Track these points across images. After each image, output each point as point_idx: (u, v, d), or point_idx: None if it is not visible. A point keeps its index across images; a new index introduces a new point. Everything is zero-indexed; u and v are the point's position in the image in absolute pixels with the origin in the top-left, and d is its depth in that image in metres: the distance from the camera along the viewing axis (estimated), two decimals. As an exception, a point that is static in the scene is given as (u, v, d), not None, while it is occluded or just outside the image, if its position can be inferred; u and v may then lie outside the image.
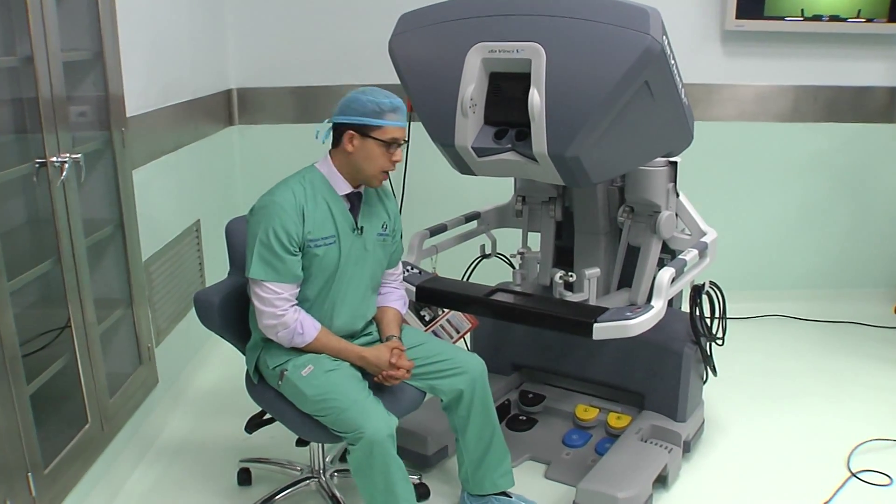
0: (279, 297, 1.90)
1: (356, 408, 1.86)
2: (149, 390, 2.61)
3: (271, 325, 1.92)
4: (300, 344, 1.94)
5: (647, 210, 2.34)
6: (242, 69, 3.57)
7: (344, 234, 1.98)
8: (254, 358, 2.03)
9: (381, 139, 1.92)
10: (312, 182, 1.97)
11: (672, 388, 2.42)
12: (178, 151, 2.92)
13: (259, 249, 1.89)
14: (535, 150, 1.95)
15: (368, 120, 1.92)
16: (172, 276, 2.83)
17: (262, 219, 1.90)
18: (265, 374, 2.03)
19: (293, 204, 1.91)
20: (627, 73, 1.85)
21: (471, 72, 2.02)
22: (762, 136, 3.66)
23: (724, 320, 2.50)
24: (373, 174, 1.96)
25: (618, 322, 1.96)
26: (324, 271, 1.97)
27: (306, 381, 1.92)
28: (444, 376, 2.07)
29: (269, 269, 1.89)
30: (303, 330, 1.93)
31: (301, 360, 1.96)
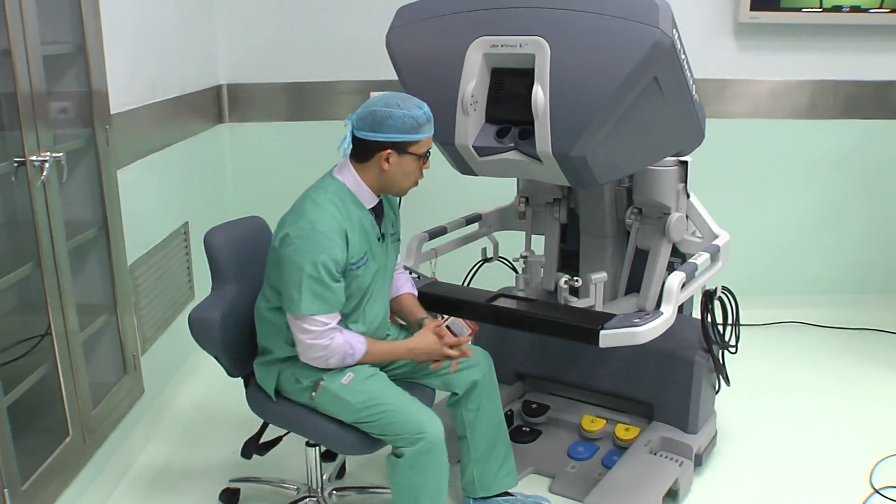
0: (328, 327, 1.89)
1: (411, 410, 1.91)
2: (133, 401, 2.61)
3: (319, 357, 1.91)
4: (352, 363, 1.95)
5: (657, 212, 2.34)
6: (233, 64, 3.57)
7: (373, 246, 2.00)
8: (274, 375, 2.01)
9: (418, 153, 1.93)
10: (342, 199, 1.93)
11: (683, 399, 2.42)
12: (164, 150, 2.92)
13: (308, 284, 1.85)
14: (538, 149, 1.96)
15: (407, 136, 1.90)
16: (159, 282, 2.83)
17: (307, 249, 1.85)
18: (289, 389, 2.01)
19: (336, 230, 1.88)
20: (635, 69, 1.85)
21: (472, 67, 2.02)
22: (777, 133, 3.65)
23: (738, 327, 2.50)
24: (407, 187, 1.98)
25: (625, 329, 1.96)
26: (359, 289, 1.99)
27: (349, 390, 1.93)
28: (459, 370, 2.13)
29: (320, 301, 1.87)
30: (353, 349, 1.94)
31: (337, 370, 1.97)
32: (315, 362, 1.93)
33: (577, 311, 2.18)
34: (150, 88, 2.80)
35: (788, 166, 3.70)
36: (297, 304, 1.87)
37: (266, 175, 3.62)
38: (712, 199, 2.57)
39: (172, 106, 2.99)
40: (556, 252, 2.59)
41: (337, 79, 3.52)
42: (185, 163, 3.14)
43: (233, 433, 2.75)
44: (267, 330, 2.01)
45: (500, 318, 2.19)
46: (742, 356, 2.67)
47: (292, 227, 1.88)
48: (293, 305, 1.88)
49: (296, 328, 1.90)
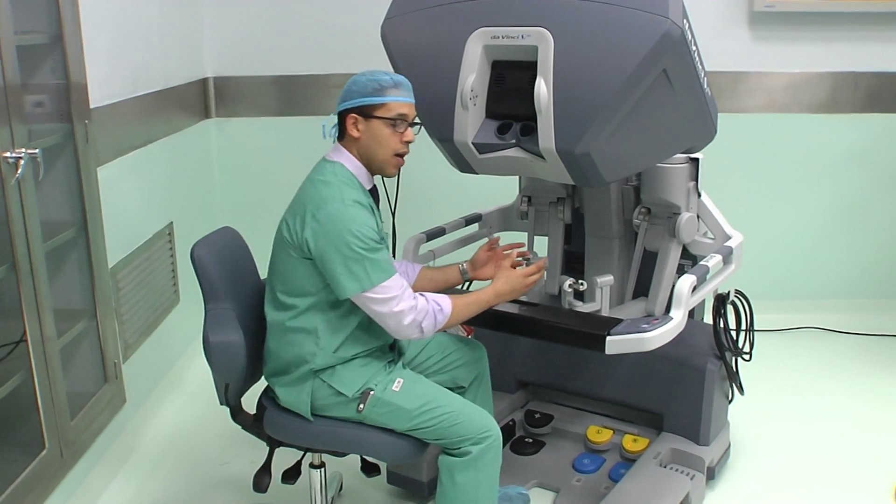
0: (405, 287, 1.89)
1: (469, 409, 1.96)
2: (115, 412, 2.61)
3: (413, 322, 1.89)
4: (444, 321, 1.94)
5: (666, 211, 2.34)
6: (220, 55, 3.57)
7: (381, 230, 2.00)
8: (306, 392, 1.96)
9: (386, 117, 1.92)
10: (346, 179, 1.94)
11: (694, 408, 2.42)
12: (148, 147, 2.92)
13: (364, 255, 1.84)
14: (541, 145, 1.96)
15: (369, 99, 1.92)
16: (142, 285, 2.84)
17: (343, 226, 1.84)
18: (324, 405, 1.97)
19: (362, 201, 1.91)
20: (644, 61, 1.86)
21: (471, 60, 2.02)
22: (795, 128, 3.66)
23: (752, 333, 2.50)
24: (385, 159, 1.96)
25: (633, 335, 1.96)
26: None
27: (402, 396, 1.94)
28: (462, 363, 2.20)
29: (383, 267, 1.87)
30: (440, 304, 1.93)
31: (383, 377, 1.97)
32: (410, 331, 1.90)
33: (582, 317, 2.18)
34: (132, 81, 2.81)
35: (806, 163, 3.70)
36: (366, 279, 1.85)
37: (255, 173, 3.62)
38: (725, 199, 2.57)
39: (156, 100, 2.99)
40: (559, 254, 2.60)
41: (330, 71, 3.52)
42: (169, 160, 3.14)
43: (221, 447, 2.75)
44: (294, 342, 1.95)
45: (501, 324, 2.19)
46: (757, 364, 2.68)
47: (320, 212, 1.87)
48: (361, 283, 1.85)
49: (376, 304, 1.87)
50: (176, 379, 3.15)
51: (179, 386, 3.14)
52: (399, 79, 1.95)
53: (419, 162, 3.53)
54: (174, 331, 3.12)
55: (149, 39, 2.96)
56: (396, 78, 1.94)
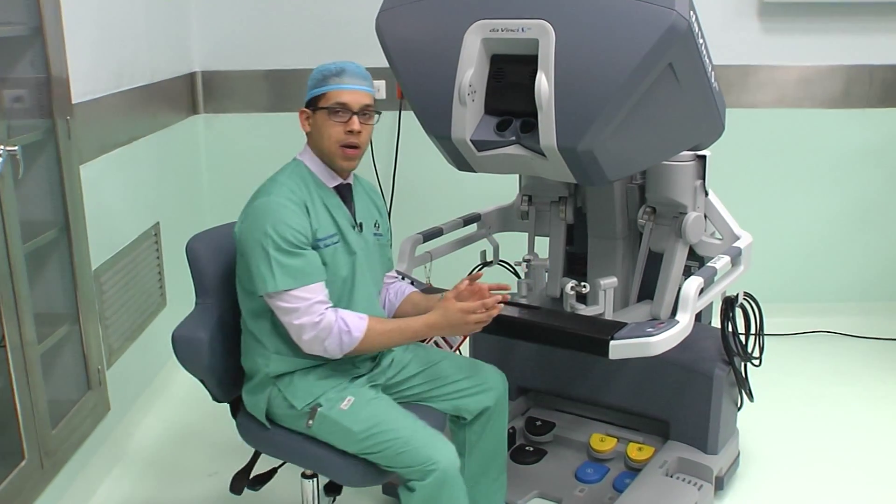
0: (311, 301, 1.85)
1: (419, 437, 1.87)
2: (98, 420, 2.61)
3: (314, 339, 1.86)
4: (352, 344, 1.88)
5: (672, 211, 2.34)
6: (208, 49, 3.57)
7: (347, 231, 1.99)
8: (264, 399, 1.98)
9: (325, 106, 1.93)
10: (301, 176, 1.97)
11: (701, 416, 2.42)
12: (133, 144, 2.92)
13: (274, 255, 1.84)
14: (542, 143, 1.96)
15: (313, 91, 1.95)
16: (127, 288, 2.84)
17: (265, 221, 1.86)
18: (281, 415, 1.98)
19: (293, 199, 1.90)
20: (649, 55, 1.86)
21: (469, 54, 2.02)
22: (806, 124, 3.66)
23: (761, 337, 2.50)
24: (331, 150, 1.95)
25: (638, 339, 1.96)
26: (336, 278, 1.96)
27: (349, 416, 1.90)
28: (471, 394, 2.11)
29: (292, 273, 1.85)
30: (348, 325, 1.87)
31: (335, 392, 1.94)
32: (314, 349, 1.88)
33: (585, 320, 2.18)
34: (116, 76, 2.81)
35: (818, 161, 3.70)
36: (270, 282, 1.84)
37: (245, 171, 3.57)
38: (733, 197, 2.57)
39: (141, 95, 3.00)
40: (561, 255, 2.60)
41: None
42: (155, 158, 3.14)
43: (209, 456, 2.75)
44: (250, 344, 1.98)
45: (501, 328, 2.18)
46: (767, 369, 2.68)
47: (248, 207, 1.92)
48: (266, 284, 1.85)
49: (280, 312, 1.87)
50: (162, 386, 3.15)
51: (166, 393, 3.14)
52: (345, 66, 1.95)
53: (415, 160, 3.57)
54: (160, 335, 3.12)
55: (134, 32, 2.96)
56: (342, 65, 1.95)
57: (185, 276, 2.21)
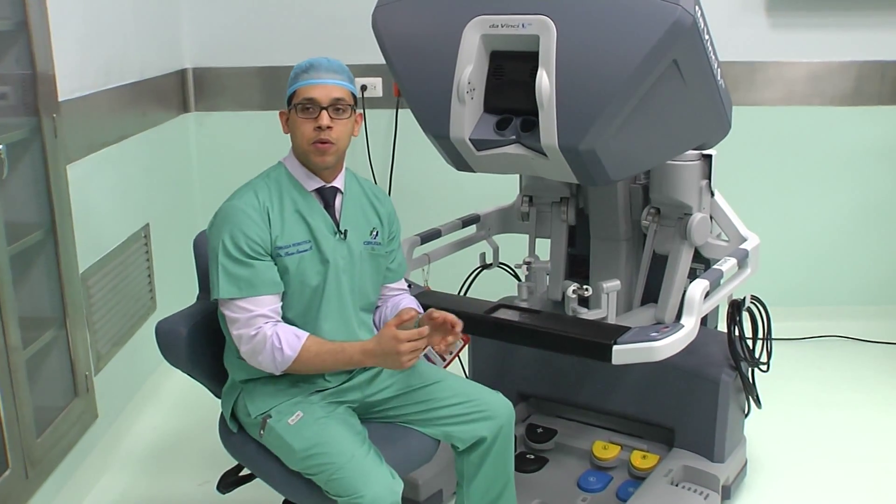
0: (253, 314, 1.86)
1: (353, 466, 1.81)
2: (85, 428, 2.61)
3: (248, 353, 1.88)
4: (284, 363, 1.86)
5: (677, 212, 2.35)
6: (200, 45, 3.58)
7: (323, 238, 1.96)
8: (230, 402, 2.02)
9: (296, 104, 1.93)
10: (278, 180, 1.98)
11: (707, 423, 2.43)
12: (122, 143, 2.92)
13: (223, 262, 1.87)
14: (543, 142, 1.97)
15: (288, 90, 1.96)
16: (116, 291, 2.84)
17: (222, 226, 1.89)
18: (244, 422, 2.00)
19: (255, 206, 1.90)
20: (653, 51, 1.86)
21: (468, 50, 2.03)
22: (816, 122, 3.66)
23: (769, 342, 2.51)
24: (304, 148, 1.94)
25: (642, 344, 1.97)
26: (303, 287, 1.94)
27: (294, 432, 1.89)
28: (465, 421, 2.03)
29: (237, 283, 1.86)
30: (281, 343, 1.85)
31: (287, 406, 1.93)
32: (252, 362, 1.90)
33: (588, 324, 2.19)
34: (105, 72, 2.81)
35: (828, 159, 3.71)
36: (215, 289, 1.88)
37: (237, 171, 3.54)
38: (740, 198, 2.58)
39: (130, 92, 3.00)
40: (563, 257, 2.60)
41: (317, 62, 3.53)
42: (145, 157, 3.15)
43: (200, 465, 2.75)
44: (227, 346, 2.01)
45: (501, 332, 2.20)
46: (775, 374, 2.68)
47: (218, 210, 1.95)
48: (214, 291, 1.89)
49: (225, 320, 1.91)
50: (152, 392, 3.15)
51: (156, 400, 3.15)
52: (314, 61, 1.95)
53: (413, 160, 3.57)
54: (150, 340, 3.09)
55: (123, 27, 2.97)
56: (312, 60, 1.95)
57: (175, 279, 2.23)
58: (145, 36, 3.17)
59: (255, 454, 1.99)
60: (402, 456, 1.98)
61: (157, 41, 3.31)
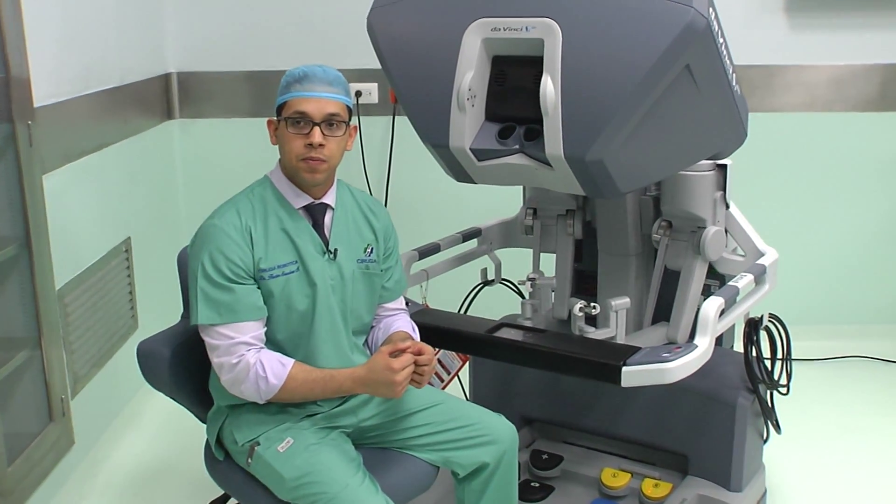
0: (234, 342, 1.86)
1: (347, 495, 1.82)
2: (61, 455, 2.61)
3: (230, 382, 1.88)
4: (270, 391, 1.87)
5: (690, 225, 2.36)
6: (185, 48, 3.59)
7: (311, 259, 1.97)
8: (216, 429, 2.02)
9: (286, 116, 1.93)
10: (262, 197, 1.97)
11: (723, 449, 2.43)
12: (101, 152, 2.94)
13: (202, 286, 1.86)
14: (548, 152, 1.98)
15: (278, 99, 1.96)
16: (95, 309, 2.85)
17: (202, 247, 1.89)
18: (231, 449, 2.01)
19: (237, 225, 1.90)
20: (664, 56, 1.87)
21: (469, 55, 2.04)
22: (838, 129, 3.67)
23: (789, 363, 2.52)
24: (293, 165, 1.94)
25: (653, 365, 1.97)
26: (290, 311, 1.95)
27: (283, 460, 1.89)
28: (465, 446, 2.04)
29: (217, 308, 1.86)
30: (265, 371, 1.86)
31: (276, 432, 1.94)
32: (233, 391, 1.90)
33: (595, 344, 2.19)
34: (83, 77, 2.83)
35: (851, 169, 3.71)
36: (194, 314, 1.88)
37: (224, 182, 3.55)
38: (757, 210, 2.59)
39: (110, 98, 3.01)
40: (569, 273, 2.61)
41: (309, 66, 3.55)
42: (126, 167, 3.16)
43: (184, 495, 2.75)
44: (212, 370, 2.00)
45: (503, 352, 2.20)
46: (795, 398, 2.68)
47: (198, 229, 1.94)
48: (193, 316, 1.89)
49: (207, 346, 1.91)
50: (133, 417, 3.15)
51: (137, 425, 3.14)
52: (309, 70, 1.94)
53: (410, 170, 3.59)
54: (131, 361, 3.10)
55: (103, 29, 2.98)
56: (307, 69, 1.94)
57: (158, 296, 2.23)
58: (127, 38, 3.18)
59: (243, 483, 1.99)
60: (398, 483, 1.98)
61: (140, 44, 3.32)
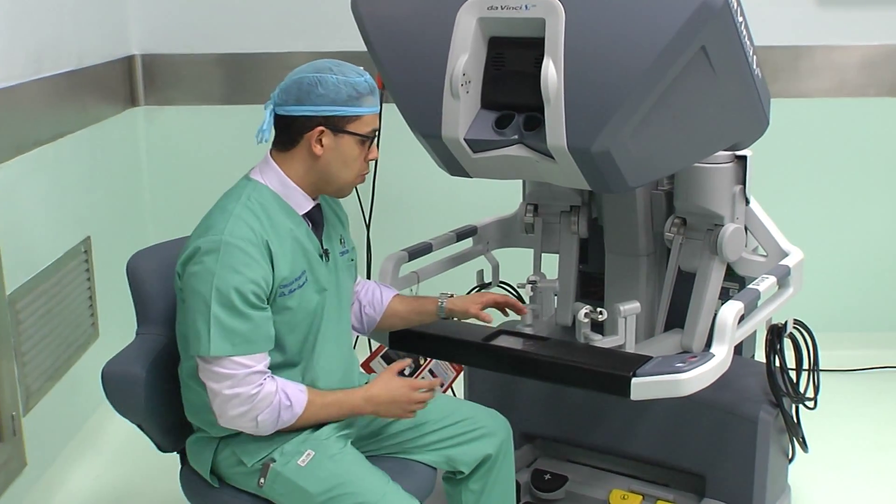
0: (250, 371, 1.87)
1: (392, 499, 1.91)
2: (11, 478, 2.60)
3: (244, 414, 1.88)
4: (289, 420, 1.92)
5: (706, 223, 2.37)
6: (150, 28, 3.59)
7: (315, 265, 2.01)
8: (208, 456, 2.01)
9: (360, 133, 1.95)
10: (262, 203, 1.96)
11: (744, 469, 2.44)
12: (57, 142, 2.94)
13: (217, 313, 1.84)
14: (549, 142, 1.99)
15: (343, 110, 1.93)
16: (50, 317, 2.85)
17: (215, 269, 1.85)
18: (229, 473, 2.01)
19: (254, 241, 1.88)
20: (678, 37, 1.89)
21: (463, 36, 2.05)
22: (871, 116, 3.68)
23: (816, 374, 2.52)
24: (350, 181, 2.00)
25: (666, 376, 1.98)
26: (300, 324, 1.98)
27: (307, 473, 1.92)
28: (465, 441, 2.14)
29: (234, 338, 1.86)
30: (290, 400, 1.91)
31: (292, 445, 1.96)
32: (240, 423, 1.90)
33: (602, 354, 2.20)
34: (36, 59, 2.82)
35: (886, 160, 3.72)
36: (205, 344, 1.85)
37: (195, 176, 3.63)
38: (780, 206, 2.59)
39: (67, 83, 3.01)
40: (573, 276, 2.62)
41: (288, 49, 3.55)
42: (85, 159, 3.16)
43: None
44: (191, 401, 2.00)
45: (502, 362, 2.22)
46: (823, 412, 2.68)
47: (195, 243, 1.90)
48: (200, 346, 1.86)
49: (208, 377, 1.88)
50: (93, 436, 3.15)
51: (97, 444, 3.14)
52: (372, 82, 1.97)
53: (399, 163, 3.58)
54: (91, 374, 3.09)
55: (58, 6, 2.97)
56: (371, 81, 1.96)
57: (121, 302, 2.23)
58: (85, 16, 3.17)
59: None
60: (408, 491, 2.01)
61: (100, 22, 3.31)
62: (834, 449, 3.06)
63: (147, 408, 2.00)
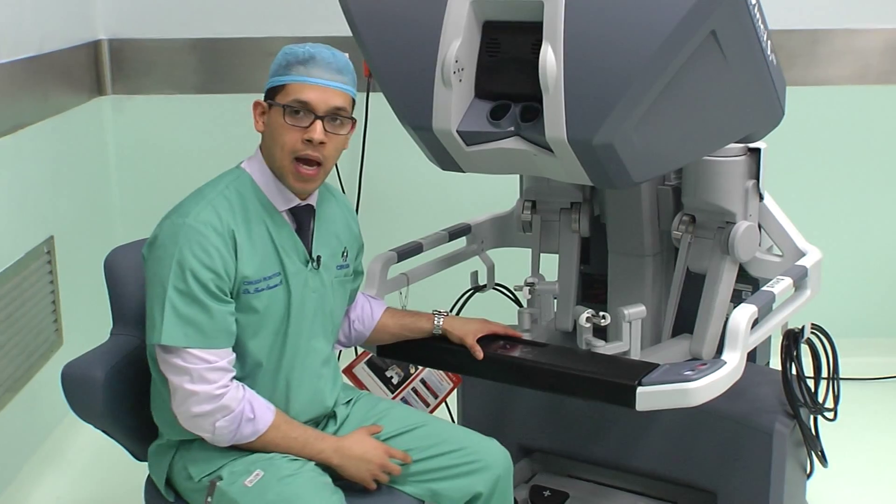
0: (210, 367, 1.87)
1: None
2: (-29, 496, 2.62)
3: (205, 413, 1.88)
4: (249, 437, 1.92)
5: (716, 220, 2.38)
6: (118, 10, 3.59)
7: (294, 270, 2.00)
8: (164, 465, 2.02)
9: (281, 103, 1.93)
10: (240, 192, 1.97)
11: (759, 485, 2.44)
12: (16, 134, 2.93)
13: (172, 299, 1.85)
14: (548, 134, 1.99)
15: (272, 80, 1.96)
16: (10, 322, 2.85)
17: (173, 251, 1.86)
18: (181, 487, 2.01)
19: (217, 227, 1.89)
20: (686, 20, 1.89)
21: (455, 21, 2.05)
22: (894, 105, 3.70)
23: (836, 382, 2.53)
24: (282, 163, 1.96)
25: (673, 385, 1.98)
26: (265, 330, 1.98)
27: (252, 495, 1.89)
28: (454, 475, 2.09)
29: (190, 328, 1.86)
30: (254, 413, 1.90)
31: (242, 464, 1.94)
32: (196, 423, 1.89)
33: (606, 361, 2.20)
34: (-6, 45, 2.83)
35: (910, 153, 3.75)
36: (157, 330, 1.85)
37: (167, 170, 3.63)
38: (797, 202, 2.60)
39: (26, 70, 3.00)
40: (574, 277, 2.62)
41: (268, 34, 3.55)
42: (47, 152, 3.15)
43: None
44: (155, 396, 2.01)
45: (498, 371, 2.22)
46: (843, 424, 2.69)
47: (160, 226, 1.92)
48: (154, 332, 1.86)
49: (167, 368, 1.88)
50: (56, 451, 3.15)
51: (61, 460, 3.14)
52: (317, 52, 1.95)
53: (387, 156, 3.59)
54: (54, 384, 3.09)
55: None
56: (314, 50, 1.95)
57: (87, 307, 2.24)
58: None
59: None
60: None
61: (63, 4, 3.30)
62: (855, 463, 3.07)
63: (108, 411, 2.02)
